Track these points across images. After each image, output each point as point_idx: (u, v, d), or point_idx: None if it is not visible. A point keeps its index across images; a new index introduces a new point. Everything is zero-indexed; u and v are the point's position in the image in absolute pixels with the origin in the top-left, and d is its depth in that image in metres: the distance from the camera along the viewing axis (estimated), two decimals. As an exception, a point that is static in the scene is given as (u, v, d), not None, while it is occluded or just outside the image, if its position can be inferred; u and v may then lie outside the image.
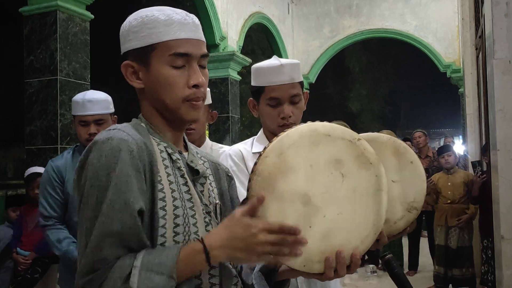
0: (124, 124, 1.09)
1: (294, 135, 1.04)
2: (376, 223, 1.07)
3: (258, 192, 0.98)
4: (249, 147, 1.79)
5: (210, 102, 2.42)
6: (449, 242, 4.92)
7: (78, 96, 2.44)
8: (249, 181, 1.01)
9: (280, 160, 1.01)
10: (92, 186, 0.97)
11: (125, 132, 1.01)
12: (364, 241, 1.06)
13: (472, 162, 5.10)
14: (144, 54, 1.07)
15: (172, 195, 1.04)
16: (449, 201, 4.96)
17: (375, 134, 1.38)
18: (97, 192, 0.96)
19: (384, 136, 1.37)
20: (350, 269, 1.06)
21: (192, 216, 1.06)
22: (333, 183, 1.04)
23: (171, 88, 1.06)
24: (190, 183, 1.09)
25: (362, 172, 1.06)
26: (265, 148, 1.03)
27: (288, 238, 0.93)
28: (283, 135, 1.04)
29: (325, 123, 1.08)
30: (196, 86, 1.08)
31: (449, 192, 4.98)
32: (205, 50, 1.12)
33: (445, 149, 5.29)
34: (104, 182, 0.96)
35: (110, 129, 1.03)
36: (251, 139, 1.86)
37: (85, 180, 0.99)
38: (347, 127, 1.12)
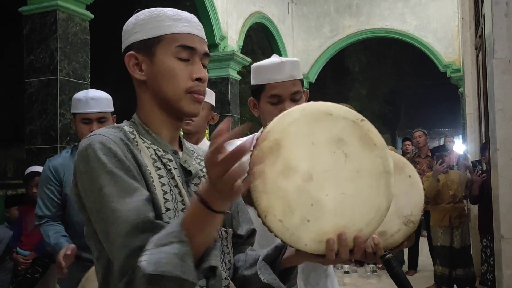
0: (105, 128, 1.08)
1: (296, 112, 1.03)
2: (381, 206, 1.04)
3: (258, 163, 0.94)
4: (248, 144, 1.78)
5: (214, 104, 2.41)
6: (454, 242, 4.92)
7: (80, 94, 2.42)
8: (251, 155, 0.97)
9: (281, 136, 0.99)
10: (92, 191, 0.97)
11: (104, 136, 1.01)
12: (369, 224, 1.03)
13: (472, 162, 5.11)
14: (150, 45, 1.08)
15: (164, 197, 1.03)
16: (451, 201, 4.96)
17: None
18: (98, 195, 0.96)
19: None
20: (353, 253, 1.03)
21: None
22: (336, 162, 1.02)
23: (174, 79, 1.07)
24: (181, 185, 1.08)
25: (366, 153, 1.03)
26: (267, 124, 1.02)
27: (228, 156, 0.84)
28: (285, 112, 1.03)
29: (327, 102, 1.06)
30: (199, 79, 1.09)
31: (450, 192, 4.98)
32: (207, 50, 1.14)
33: (442, 149, 5.32)
34: (101, 184, 0.96)
35: (90, 135, 1.03)
36: (250, 136, 1.85)
37: (83, 190, 0.99)
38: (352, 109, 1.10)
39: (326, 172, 1.01)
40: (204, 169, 1.20)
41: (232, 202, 1.08)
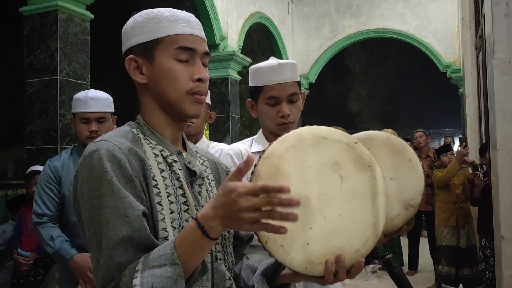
0: (112, 132, 1.08)
1: (292, 137, 1.05)
2: (376, 225, 1.07)
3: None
4: (248, 147, 1.80)
5: (209, 102, 2.43)
6: (460, 242, 4.92)
7: (80, 94, 2.42)
8: (250, 182, 1.00)
9: (279, 162, 1.02)
10: (90, 198, 0.97)
11: (111, 143, 1.01)
12: (365, 244, 1.06)
13: (474, 165, 5.12)
14: (149, 48, 1.08)
15: (168, 199, 1.04)
16: (457, 201, 4.95)
17: (373, 132, 1.39)
18: (96, 203, 0.95)
19: (383, 134, 1.38)
20: (350, 273, 1.05)
21: (186, 219, 1.05)
22: (332, 185, 1.05)
23: (175, 81, 1.07)
24: (185, 186, 1.08)
25: (360, 175, 1.07)
26: (264, 150, 1.04)
27: (274, 199, 0.86)
28: (281, 137, 1.06)
29: (322, 127, 1.09)
30: (200, 80, 1.09)
31: (456, 191, 4.97)
32: (207, 49, 1.13)
33: (447, 148, 5.31)
34: (100, 193, 0.95)
35: (96, 141, 1.03)
36: (250, 138, 1.87)
37: (82, 195, 0.99)
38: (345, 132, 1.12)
39: (323, 195, 1.04)
40: (208, 170, 1.21)
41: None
